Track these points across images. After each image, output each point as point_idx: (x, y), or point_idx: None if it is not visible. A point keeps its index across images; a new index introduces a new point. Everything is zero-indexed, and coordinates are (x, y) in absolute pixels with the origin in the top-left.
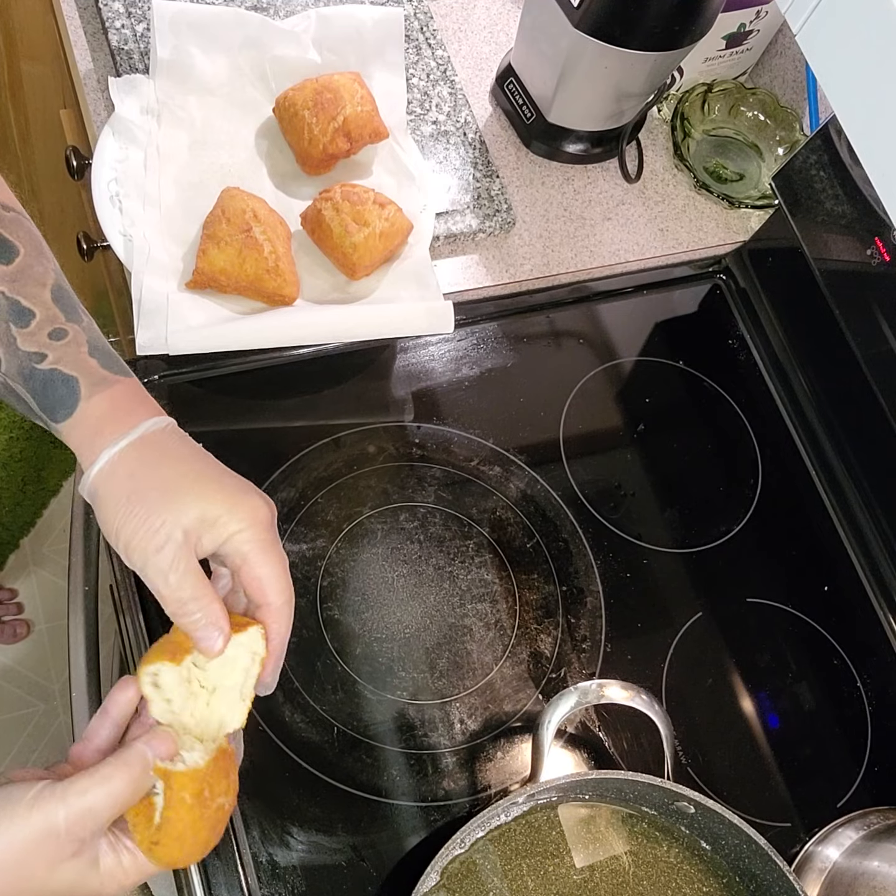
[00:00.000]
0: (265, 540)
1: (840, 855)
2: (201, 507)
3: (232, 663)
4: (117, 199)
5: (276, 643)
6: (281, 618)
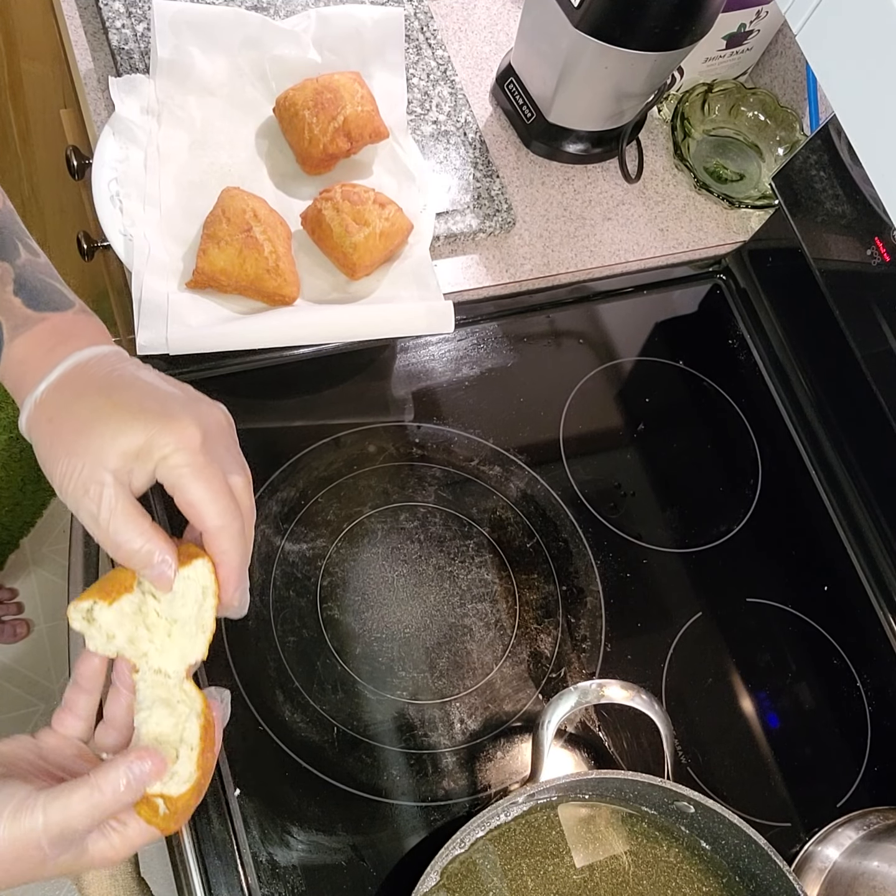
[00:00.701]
0: (194, 463)
1: (840, 855)
2: (120, 441)
3: (183, 597)
4: (117, 198)
5: (225, 571)
6: (225, 542)
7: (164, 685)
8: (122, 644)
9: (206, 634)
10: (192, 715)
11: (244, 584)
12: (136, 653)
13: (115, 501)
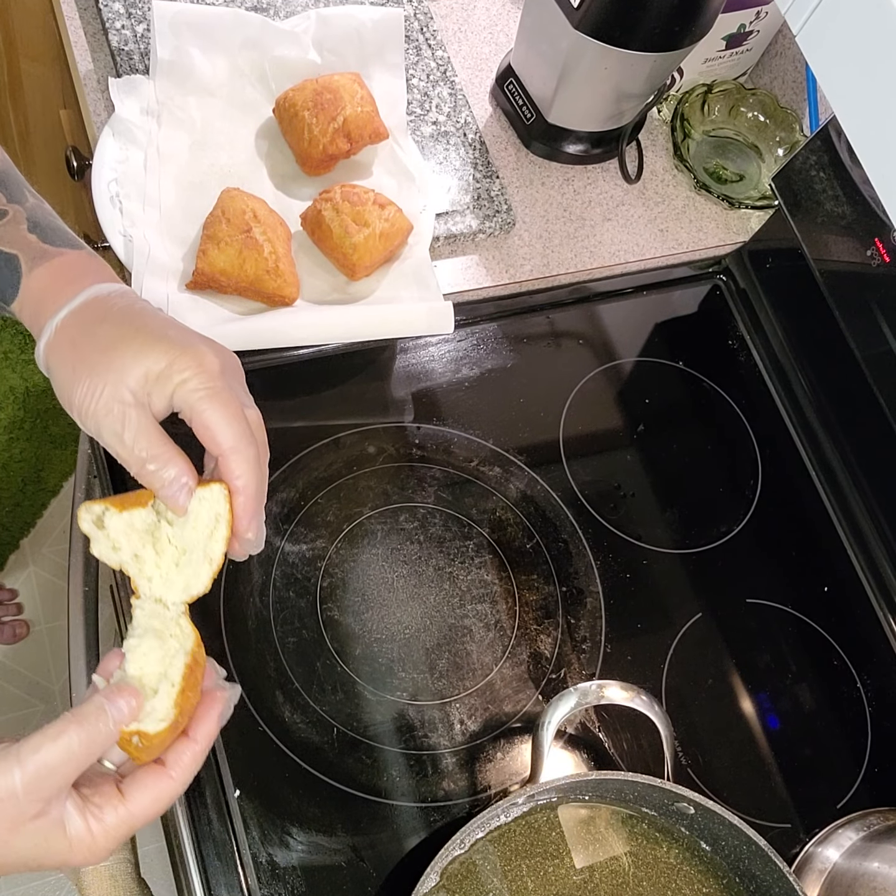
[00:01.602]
0: (213, 387)
1: (840, 856)
2: (143, 363)
3: (195, 523)
4: (117, 199)
5: (240, 497)
6: (240, 466)
7: (161, 617)
8: (126, 558)
9: (213, 566)
10: (180, 652)
11: (260, 517)
12: (139, 572)
13: (139, 420)
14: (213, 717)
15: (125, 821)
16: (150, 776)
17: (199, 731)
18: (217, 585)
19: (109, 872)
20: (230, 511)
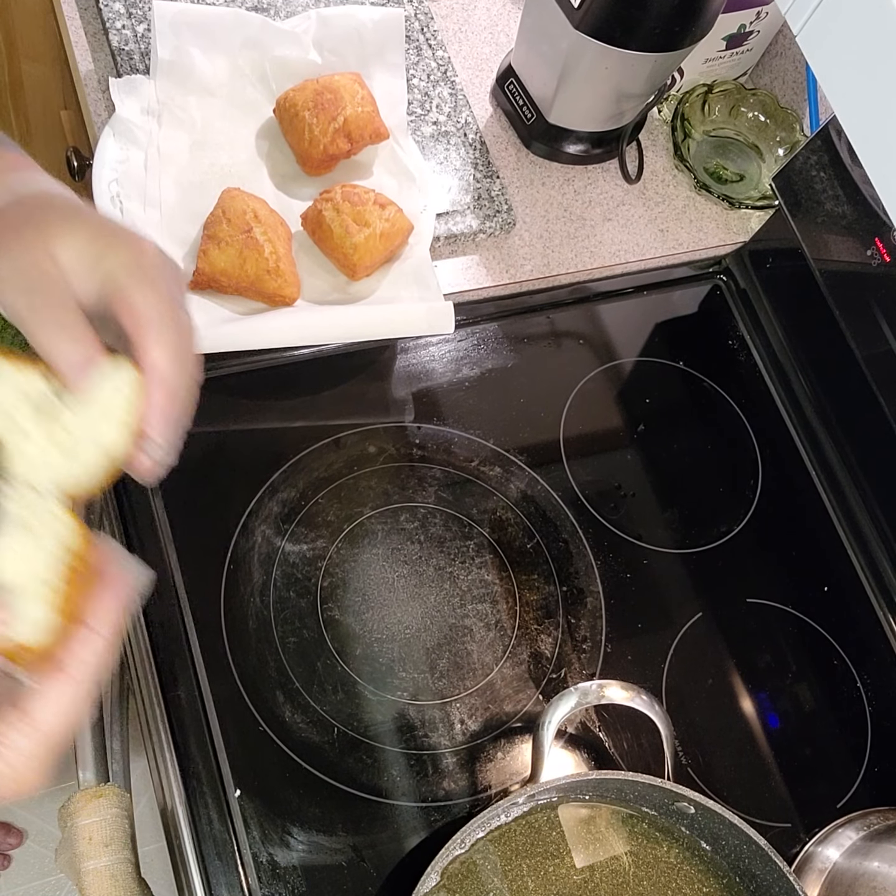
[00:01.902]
0: (147, 272)
1: (840, 855)
2: (75, 241)
3: (93, 404)
4: (118, 199)
5: (155, 388)
6: (160, 352)
7: (34, 508)
8: (8, 422)
9: (107, 459)
10: (60, 550)
11: (176, 424)
12: (17, 445)
13: (53, 283)
14: (113, 604)
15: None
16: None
17: (98, 622)
18: (217, 585)
19: (110, 872)
20: (139, 399)
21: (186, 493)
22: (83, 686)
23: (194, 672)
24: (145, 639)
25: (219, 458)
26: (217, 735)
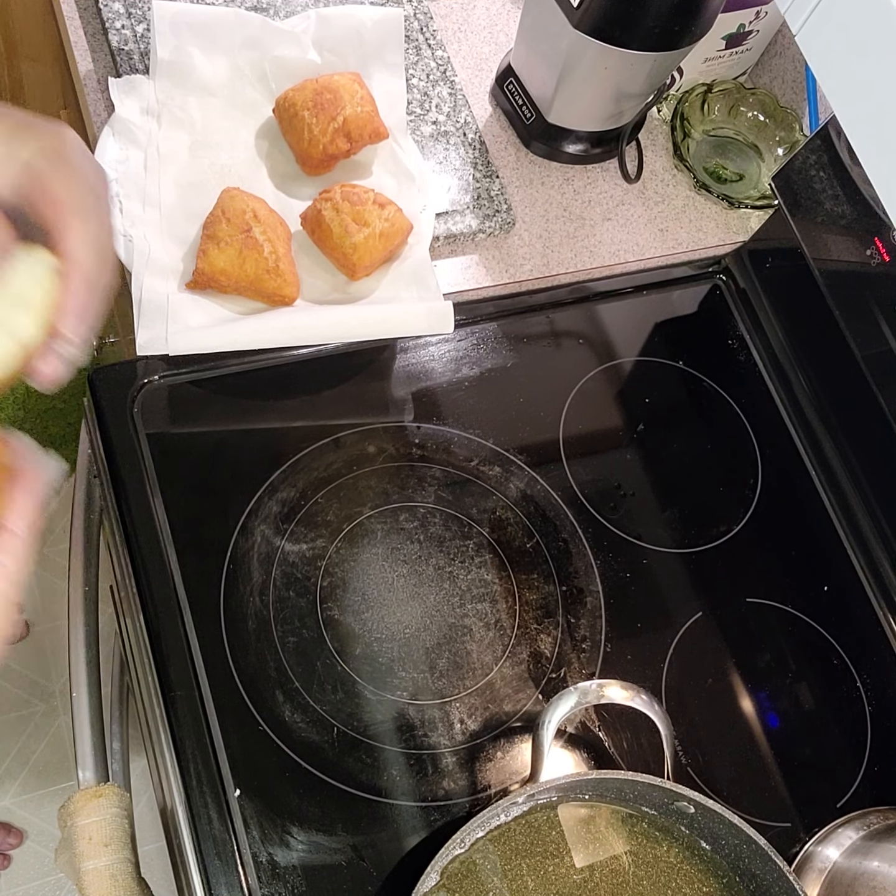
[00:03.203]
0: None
1: (840, 855)
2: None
3: (8, 292)
4: (118, 199)
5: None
6: (79, 240)
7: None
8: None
9: (17, 346)
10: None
11: (89, 319)
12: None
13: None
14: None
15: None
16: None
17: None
18: (217, 585)
19: (110, 872)
20: (54, 289)
21: (186, 493)
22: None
23: (194, 672)
24: (145, 639)
25: (219, 458)
26: (217, 735)
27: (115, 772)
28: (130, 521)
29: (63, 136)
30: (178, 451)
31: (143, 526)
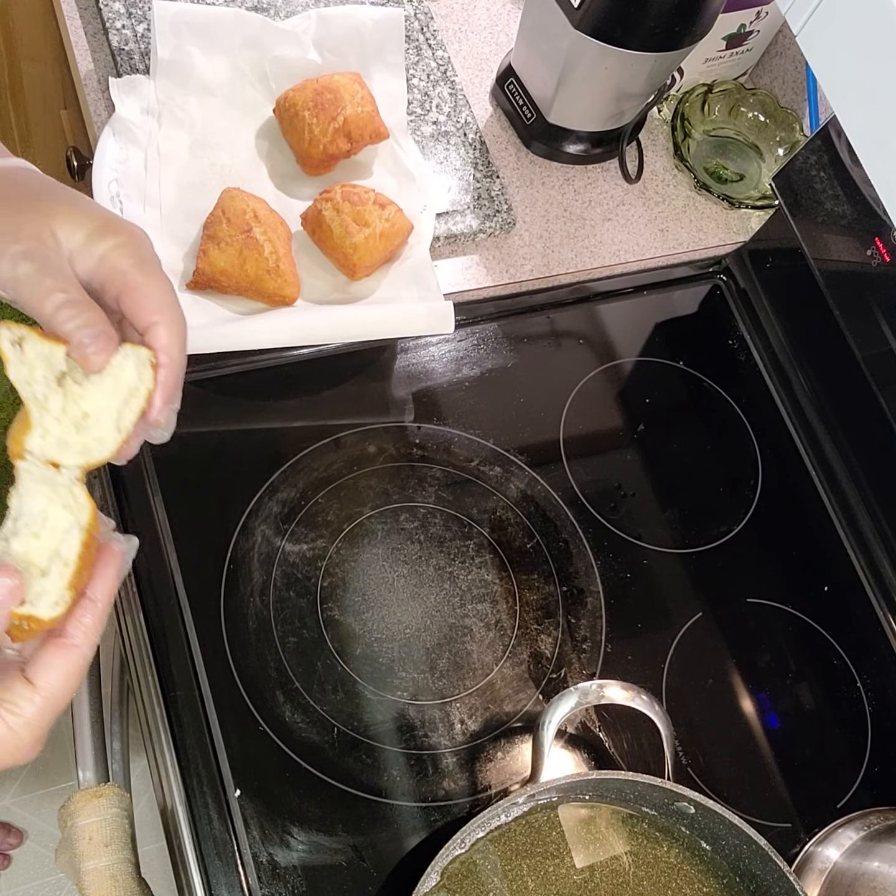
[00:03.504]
0: (147, 256)
1: (840, 855)
2: (73, 221)
3: (113, 384)
4: (118, 199)
5: (164, 371)
6: (170, 338)
7: (52, 483)
8: (38, 395)
9: (121, 436)
10: (74, 526)
11: (176, 403)
12: (39, 419)
13: (61, 264)
14: (112, 575)
15: (43, 708)
16: (54, 654)
17: (97, 591)
18: (217, 585)
19: (110, 872)
20: (153, 381)
21: (186, 493)
22: (85, 652)
23: (194, 672)
24: (145, 639)
25: (219, 458)
26: (217, 735)
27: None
28: (131, 520)
29: (138, 236)
30: (178, 451)
31: (143, 526)
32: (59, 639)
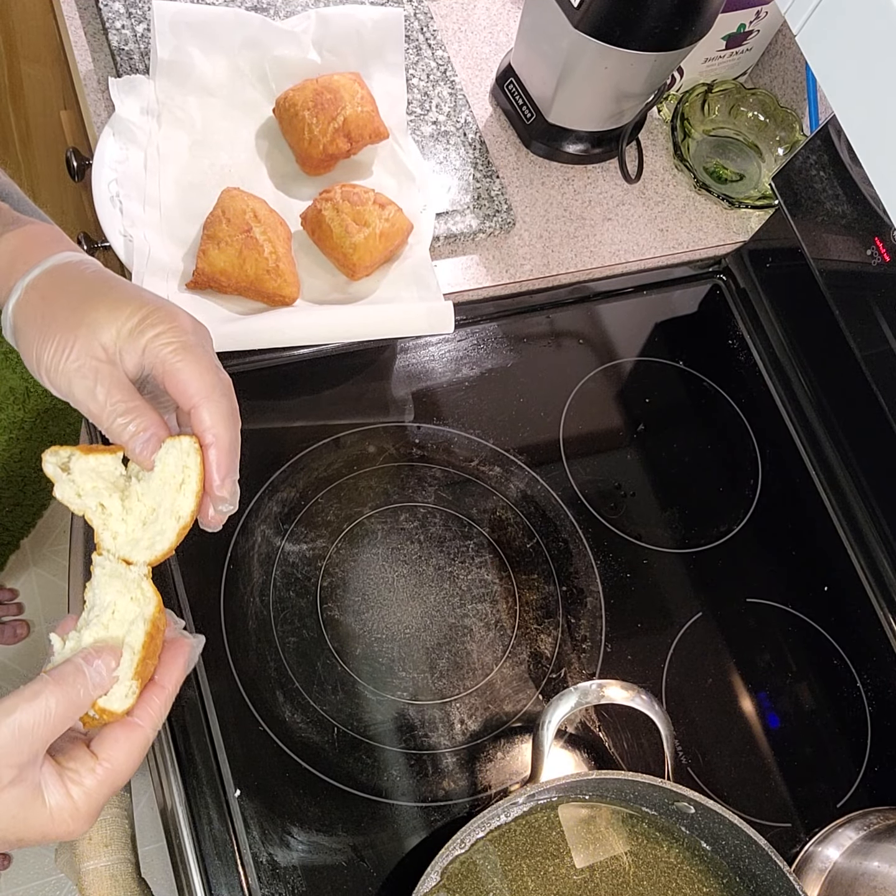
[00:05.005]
0: (186, 341)
1: (840, 855)
2: (116, 317)
3: (162, 475)
4: (118, 199)
5: (214, 451)
6: (213, 418)
7: (123, 578)
8: (91, 505)
9: (180, 523)
10: (140, 618)
11: (234, 476)
12: (103, 525)
13: (111, 374)
14: (180, 664)
15: (104, 781)
16: (121, 731)
17: (165, 678)
18: (217, 585)
19: (110, 872)
20: (201, 464)
21: None
22: (149, 734)
23: (194, 672)
24: None
25: None
26: (217, 735)
27: None
28: None
29: (179, 322)
30: None
31: None
32: (128, 718)
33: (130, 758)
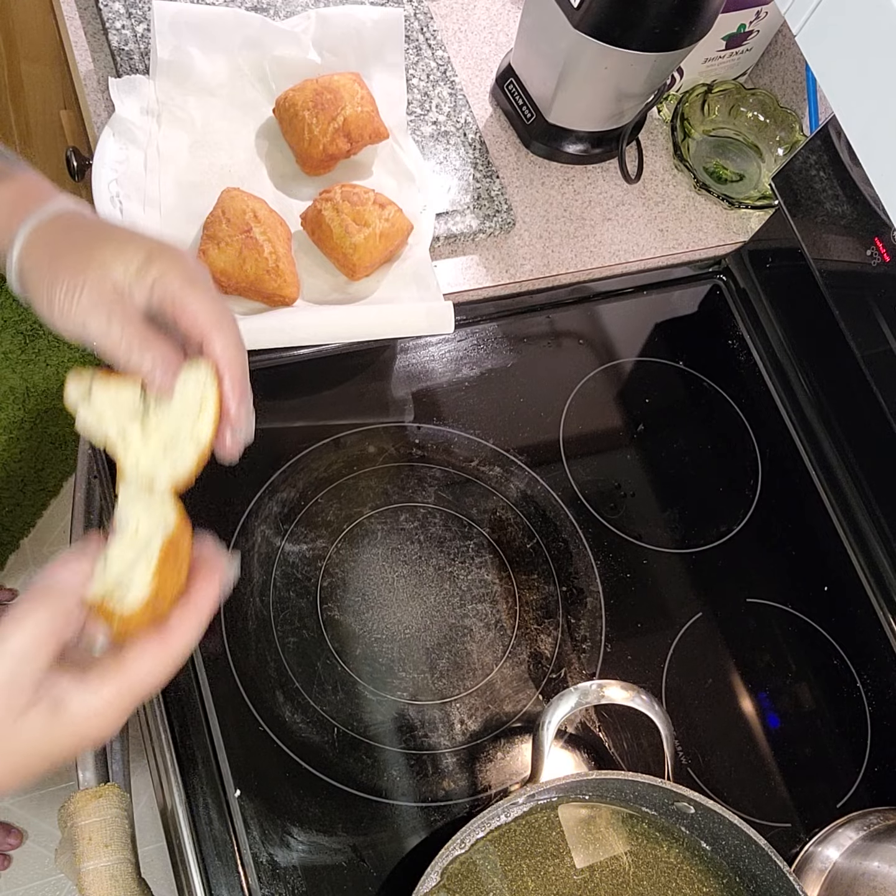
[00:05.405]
0: (192, 276)
1: (840, 855)
2: (123, 257)
3: (181, 403)
4: (118, 199)
5: (228, 378)
6: (225, 346)
7: (146, 500)
8: (112, 433)
9: (199, 448)
10: (160, 527)
11: (247, 405)
12: (125, 452)
13: (124, 312)
14: (214, 582)
15: (127, 688)
16: (148, 643)
17: (199, 596)
18: None
19: (110, 873)
20: (217, 390)
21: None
22: (178, 650)
23: (194, 672)
24: None
25: None
26: (217, 735)
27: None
28: None
29: (180, 258)
30: None
31: None
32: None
33: (154, 670)
